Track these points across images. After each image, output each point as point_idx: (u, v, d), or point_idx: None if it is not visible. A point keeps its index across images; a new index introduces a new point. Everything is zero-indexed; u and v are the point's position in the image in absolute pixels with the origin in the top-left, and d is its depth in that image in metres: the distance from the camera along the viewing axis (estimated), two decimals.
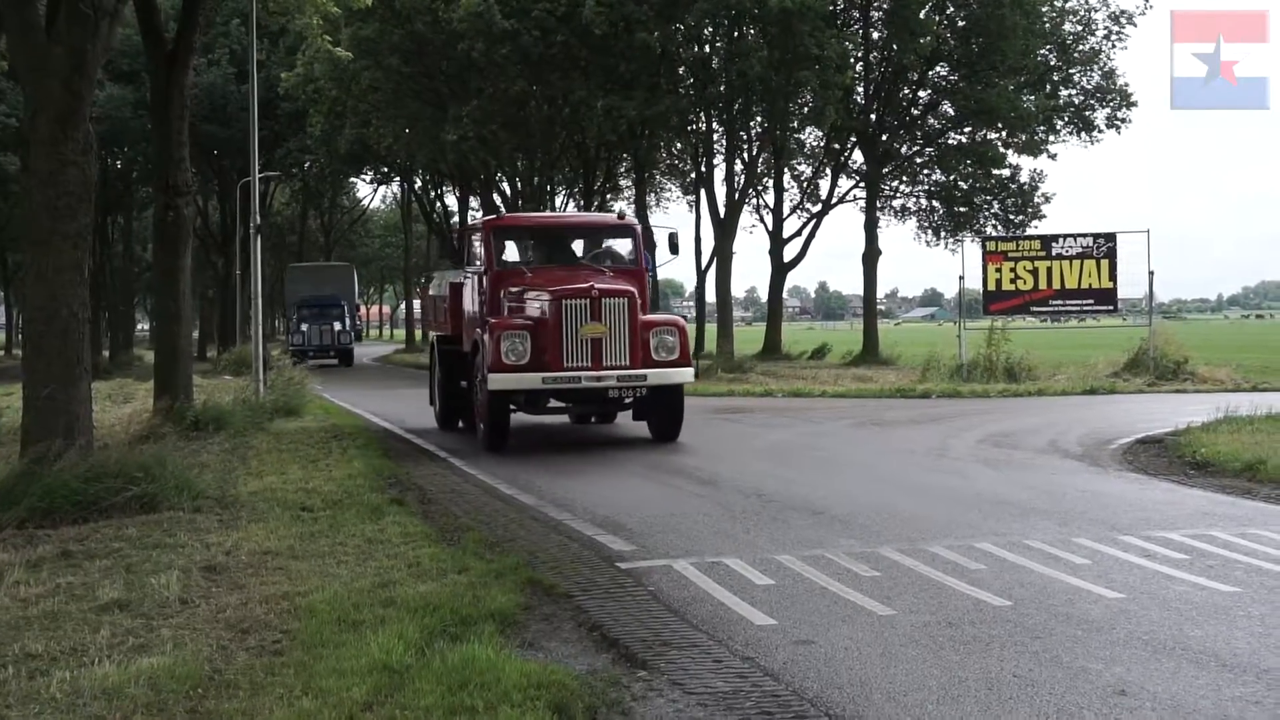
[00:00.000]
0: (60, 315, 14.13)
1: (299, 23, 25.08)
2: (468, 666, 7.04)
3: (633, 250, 21.00)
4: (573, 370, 18.34)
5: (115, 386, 33.89)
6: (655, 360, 18.84)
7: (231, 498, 13.64)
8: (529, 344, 18.41)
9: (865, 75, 48.99)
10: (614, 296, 18.59)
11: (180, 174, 21.52)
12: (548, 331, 18.40)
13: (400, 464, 17.39)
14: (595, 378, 18.41)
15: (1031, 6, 44.39)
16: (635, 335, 18.62)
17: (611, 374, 18.51)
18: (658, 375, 18.83)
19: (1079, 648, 7.68)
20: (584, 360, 18.35)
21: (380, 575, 9.60)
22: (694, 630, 8.22)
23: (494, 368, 18.40)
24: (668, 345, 18.93)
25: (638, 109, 41.75)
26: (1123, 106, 48.74)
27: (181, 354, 22.08)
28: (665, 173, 60.96)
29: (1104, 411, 24.85)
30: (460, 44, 41.30)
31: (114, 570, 9.93)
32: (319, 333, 58.74)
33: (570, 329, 18.35)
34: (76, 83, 14.30)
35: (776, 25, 39.96)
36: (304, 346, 56.69)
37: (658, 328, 19.13)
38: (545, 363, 18.34)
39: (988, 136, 49.54)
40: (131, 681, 6.93)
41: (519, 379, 18.41)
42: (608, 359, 18.46)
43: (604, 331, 18.45)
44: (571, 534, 11.76)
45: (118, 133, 53.77)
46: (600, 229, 22.79)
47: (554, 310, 18.42)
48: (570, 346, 18.31)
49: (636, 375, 18.66)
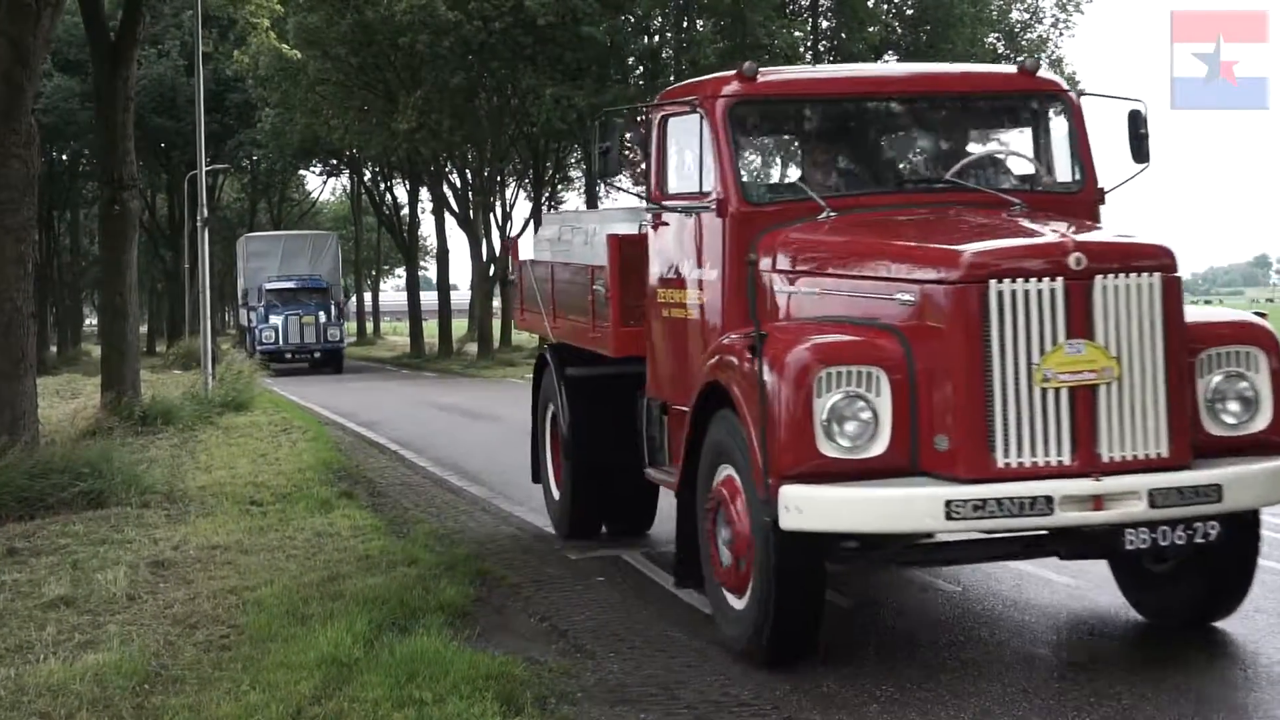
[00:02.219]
0: (4, 310, 14.01)
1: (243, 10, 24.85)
2: (416, 659, 7.03)
3: (1073, 150, 8.87)
4: (1031, 471, 6.75)
5: (62, 382, 33.58)
6: (1218, 436, 7.26)
7: (180, 493, 13.55)
8: (889, 399, 6.91)
9: (814, 64, 49.06)
10: (1123, 271, 6.88)
11: (125, 167, 21.30)
12: (946, 365, 6.87)
13: (350, 457, 17.34)
14: (1090, 495, 6.68)
15: None
16: (1177, 372, 6.98)
17: (1131, 486, 6.74)
18: (1236, 480, 6.96)
19: (1027, 633, 7.72)
20: (1055, 440, 6.74)
21: (329, 569, 9.58)
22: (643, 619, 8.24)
23: (795, 462, 6.84)
24: (1244, 397, 7.32)
25: (586, 98, 41.66)
26: None
27: (129, 348, 21.87)
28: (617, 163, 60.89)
29: None
30: (402, 37, 41.09)
31: (60, 566, 9.85)
32: (297, 327, 44.08)
33: (1018, 361, 6.75)
34: (18, 74, 14.18)
35: (729, 15, 39.92)
36: (276, 346, 43.75)
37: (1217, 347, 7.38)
38: (935, 447, 6.88)
39: None
40: (77, 678, 6.89)
41: (872, 500, 6.80)
42: (1113, 437, 6.78)
43: (1111, 367, 6.76)
44: (522, 524, 11.77)
45: (63, 125, 53.24)
46: (990, 97, 9.53)
47: (959, 306, 6.88)
48: (1016, 405, 6.73)
49: (1197, 488, 6.85)
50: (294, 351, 44.04)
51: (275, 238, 53.06)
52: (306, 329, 44.08)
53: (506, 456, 17.29)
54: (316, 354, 44.43)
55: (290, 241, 51.32)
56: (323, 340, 44.36)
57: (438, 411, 25.39)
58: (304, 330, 44.02)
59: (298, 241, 51.47)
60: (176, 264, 60.84)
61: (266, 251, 49.29)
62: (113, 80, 21.13)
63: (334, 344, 44.99)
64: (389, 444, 19.16)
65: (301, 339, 44.04)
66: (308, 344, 44.18)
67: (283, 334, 43.77)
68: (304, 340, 44.05)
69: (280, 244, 50.42)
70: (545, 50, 41.91)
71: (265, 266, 47.77)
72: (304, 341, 44.08)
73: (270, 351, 42.92)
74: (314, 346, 44.32)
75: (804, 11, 48.40)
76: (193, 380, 27.29)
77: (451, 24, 39.99)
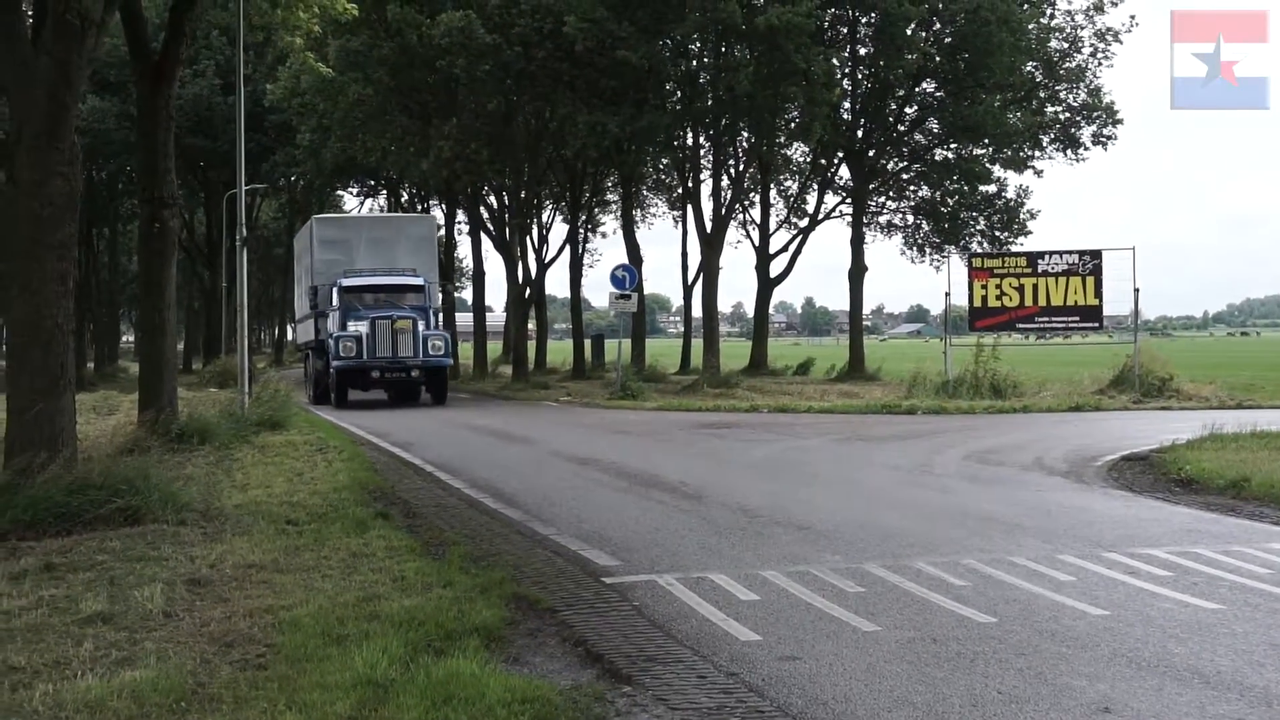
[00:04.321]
0: (44, 327, 14.08)
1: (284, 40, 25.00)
2: (452, 681, 7.02)
3: None
4: None
5: (99, 398, 33.79)
6: None
7: (216, 510, 13.59)
8: None
9: (852, 91, 49.08)
10: None
11: (166, 186, 21.46)
12: None
13: (385, 478, 17.33)
14: None
15: (1018, 24, 44.50)
16: None
17: None
18: None
19: (1063, 665, 7.68)
20: None
21: (365, 589, 9.57)
22: (679, 645, 8.21)
23: None
24: None
25: (621, 125, 41.80)
26: (1109, 124, 48.89)
27: (166, 366, 21.99)
28: (652, 188, 61.01)
29: (1089, 428, 24.90)
30: (441, 60, 41.30)
31: (97, 583, 9.88)
32: (388, 335, 33.23)
33: None
34: (62, 93, 14.27)
35: (763, 42, 40.06)
36: (359, 361, 33.22)
37: None
38: None
39: (974, 152, 49.66)
40: (114, 695, 6.89)
41: None
42: None
43: None
44: (557, 548, 11.74)
45: (102, 144, 53.87)
46: None
47: None
48: None
49: None
50: (384, 369, 33.34)
51: (355, 221, 42.62)
52: (402, 338, 33.29)
53: (541, 480, 17.30)
54: (413, 371, 33.86)
55: (375, 226, 40.46)
56: (422, 353, 33.61)
57: (473, 433, 25.44)
58: (398, 340, 33.26)
59: (384, 226, 40.59)
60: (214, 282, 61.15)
61: (343, 240, 38.27)
62: (154, 100, 21.29)
63: (437, 358, 34.02)
64: (424, 465, 19.17)
65: (394, 351, 33.26)
66: (402, 358, 33.40)
67: (368, 344, 33.18)
68: (397, 353, 33.28)
69: (362, 230, 39.30)
70: (583, 74, 42.09)
71: (341, 259, 37.30)
72: (397, 355, 33.31)
73: (351, 368, 33.25)
74: (410, 361, 33.53)
75: (842, 39, 48.47)
76: (229, 398, 27.40)
77: (490, 47, 40.18)
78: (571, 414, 31.44)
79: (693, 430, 25.01)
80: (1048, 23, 48.48)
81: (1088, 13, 47.91)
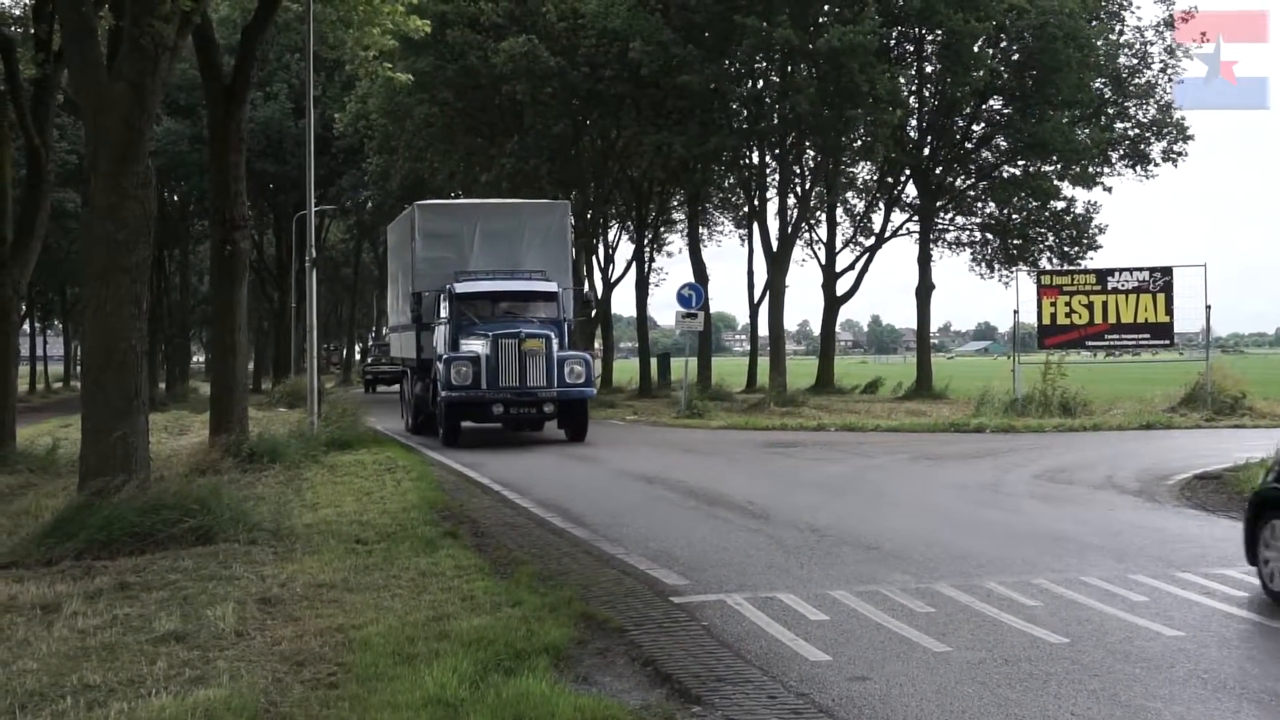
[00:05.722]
0: (118, 348, 14.27)
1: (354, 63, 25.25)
2: (522, 700, 7.05)
3: None
4: None
5: (171, 419, 34.18)
6: None
7: (286, 530, 13.71)
8: None
9: (919, 109, 48.88)
10: None
11: (237, 208, 21.73)
12: None
13: (453, 497, 17.39)
14: None
15: (1086, 40, 44.12)
16: None
17: None
18: None
19: (1137, 686, 7.60)
20: None
21: (434, 608, 9.62)
22: (748, 665, 8.19)
23: None
24: None
25: (686, 146, 41.87)
26: (1179, 140, 48.36)
27: (237, 386, 22.23)
28: (718, 206, 60.98)
29: (1160, 446, 24.60)
30: (504, 85, 41.56)
31: (170, 602, 10.00)
32: (515, 360, 25.85)
33: None
34: (137, 118, 14.47)
35: (826, 62, 39.98)
36: (478, 392, 25.92)
37: None
38: None
39: (1042, 169, 49.26)
40: (188, 713, 6.97)
41: None
42: None
43: None
44: (625, 568, 11.74)
45: (174, 166, 54.45)
46: None
47: None
48: None
49: None
50: (509, 402, 26.02)
51: (468, 209, 32.25)
52: (532, 362, 25.96)
53: (609, 498, 17.31)
54: (546, 406, 26.46)
55: (493, 215, 30.99)
56: (558, 381, 26.10)
57: (538, 451, 25.41)
58: (527, 364, 25.93)
59: (505, 215, 31.08)
60: (283, 303, 61.66)
61: (453, 233, 29.97)
62: (226, 123, 21.58)
63: (578, 388, 26.56)
64: (492, 484, 19.21)
65: (522, 379, 25.90)
66: (533, 388, 25.97)
67: (488, 369, 25.87)
68: (525, 381, 25.90)
69: (477, 220, 30.39)
70: (647, 95, 42.22)
71: (450, 256, 29.50)
72: (525, 383, 25.92)
73: (463, 401, 26.27)
74: (542, 394, 26.06)
75: (909, 56, 48.30)
76: (299, 418, 27.60)
77: (554, 71, 40.39)
78: (638, 432, 31.43)
79: (759, 449, 24.95)
80: (1116, 39, 48.07)
81: (1157, 28, 47.46)
